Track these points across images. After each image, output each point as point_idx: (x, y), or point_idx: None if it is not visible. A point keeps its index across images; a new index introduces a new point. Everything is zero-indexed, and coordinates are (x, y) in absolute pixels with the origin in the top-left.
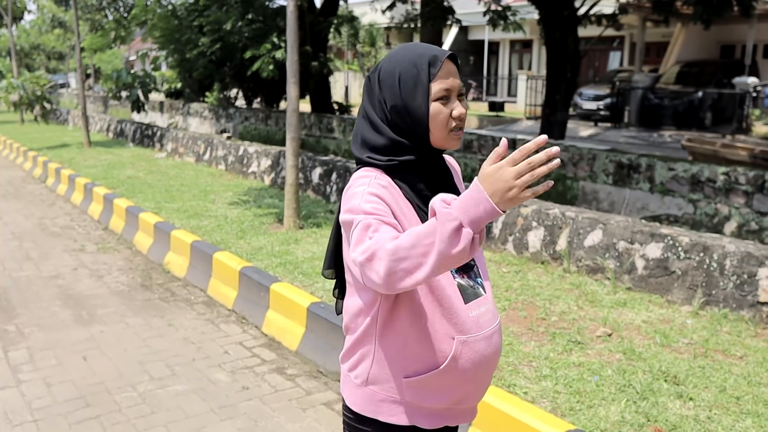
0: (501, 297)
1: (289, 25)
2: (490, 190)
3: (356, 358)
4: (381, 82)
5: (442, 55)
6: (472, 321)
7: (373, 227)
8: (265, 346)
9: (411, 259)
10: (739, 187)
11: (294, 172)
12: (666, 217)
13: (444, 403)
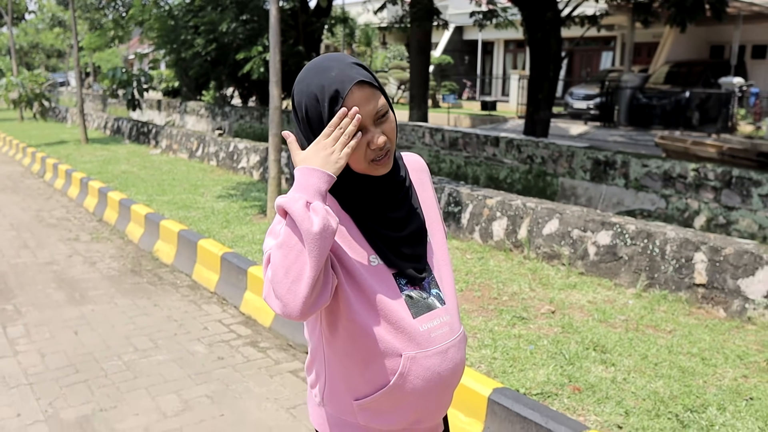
0: (460, 280)
1: (272, 28)
2: (316, 162)
3: (313, 376)
4: (295, 109)
5: (345, 88)
6: (422, 335)
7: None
8: (241, 323)
9: (292, 267)
10: (708, 182)
11: (276, 166)
12: (640, 211)
13: (399, 424)
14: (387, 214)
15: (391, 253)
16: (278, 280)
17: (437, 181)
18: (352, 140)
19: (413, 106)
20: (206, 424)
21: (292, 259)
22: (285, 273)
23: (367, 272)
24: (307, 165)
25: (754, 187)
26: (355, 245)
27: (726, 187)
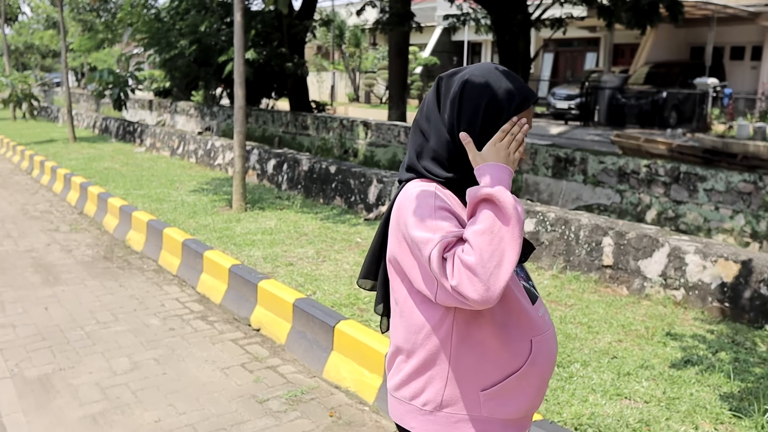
0: None
1: (236, 34)
2: (500, 159)
3: (422, 383)
4: (462, 102)
5: (530, 100)
6: (541, 320)
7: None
8: (196, 301)
9: (495, 252)
10: (659, 178)
11: (241, 161)
12: (597, 206)
13: (521, 411)
14: None
15: None
16: (483, 263)
17: (389, 174)
18: (521, 146)
19: (392, 106)
20: (149, 380)
21: (495, 244)
22: (490, 257)
23: None
24: (492, 162)
25: (700, 182)
26: None
27: (675, 183)
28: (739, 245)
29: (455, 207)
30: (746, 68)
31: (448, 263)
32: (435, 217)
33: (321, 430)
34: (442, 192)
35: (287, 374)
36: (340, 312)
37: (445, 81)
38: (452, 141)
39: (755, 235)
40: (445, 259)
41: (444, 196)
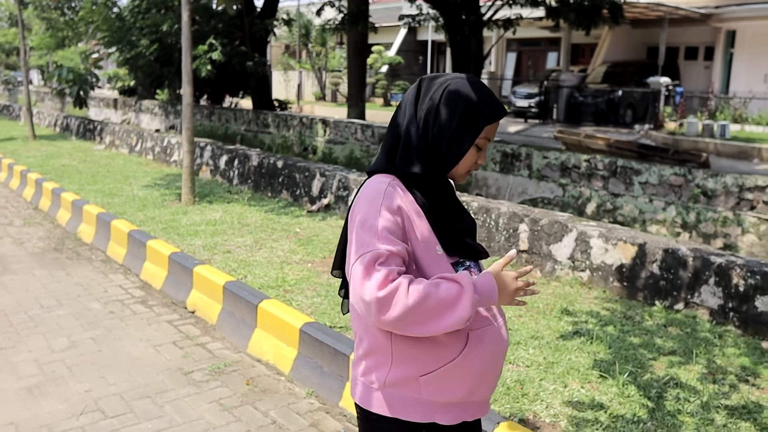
0: (324, 249)
1: (184, 33)
2: (502, 286)
3: (371, 363)
4: (440, 106)
5: (501, 113)
6: (481, 315)
7: (382, 259)
8: (139, 287)
9: (427, 316)
10: (598, 172)
11: (189, 156)
12: (541, 199)
13: (459, 395)
14: (451, 210)
15: (455, 241)
16: (413, 313)
17: (332, 168)
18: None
19: (351, 105)
20: (84, 357)
21: (431, 315)
22: (419, 316)
23: (434, 260)
24: (498, 288)
25: (636, 176)
26: (427, 237)
27: (612, 176)
28: (671, 235)
29: (405, 202)
30: (700, 68)
31: (382, 274)
32: (378, 216)
33: (237, 396)
34: (394, 185)
35: (215, 350)
36: (265, 293)
37: (426, 83)
38: (423, 139)
39: (685, 225)
40: (377, 270)
41: (395, 189)
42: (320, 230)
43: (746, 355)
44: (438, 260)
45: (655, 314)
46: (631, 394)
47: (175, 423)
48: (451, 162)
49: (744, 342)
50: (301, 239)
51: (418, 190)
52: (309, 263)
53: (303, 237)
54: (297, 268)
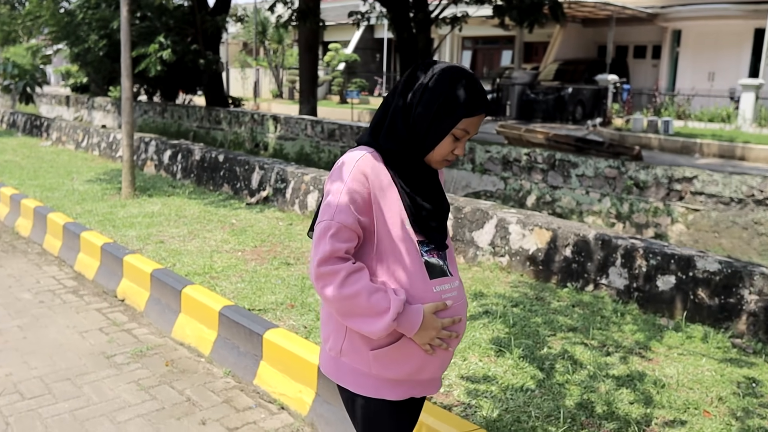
0: (257, 239)
1: (123, 28)
2: (424, 327)
3: (329, 331)
4: (426, 89)
5: (483, 107)
6: (435, 296)
7: (334, 230)
8: (72, 278)
9: (349, 312)
10: (538, 165)
11: (128, 150)
12: (484, 192)
13: (406, 372)
14: (426, 191)
15: (422, 222)
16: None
17: (270, 162)
18: (444, 344)
19: (302, 101)
20: (9, 344)
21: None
22: (339, 302)
23: (398, 235)
24: (421, 324)
25: (573, 169)
26: (395, 212)
27: (551, 169)
28: (606, 225)
29: (377, 176)
30: (648, 66)
31: (327, 249)
32: (344, 190)
33: (156, 377)
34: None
35: (140, 335)
36: (191, 280)
37: (422, 66)
38: (405, 120)
39: (619, 216)
40: (325, 242)
41: (368, 162)
42: (255, 221)
43: (642, 331)
44: (405, 236)
45: (565, 295)
46: (524, 366)
47: (92, 402)
48: (427, 146)
49: (644, 319)
50: (235, 230)
51: (396, 166)
52: (239, 252)
53: (237, 228)
54: (226, 256)
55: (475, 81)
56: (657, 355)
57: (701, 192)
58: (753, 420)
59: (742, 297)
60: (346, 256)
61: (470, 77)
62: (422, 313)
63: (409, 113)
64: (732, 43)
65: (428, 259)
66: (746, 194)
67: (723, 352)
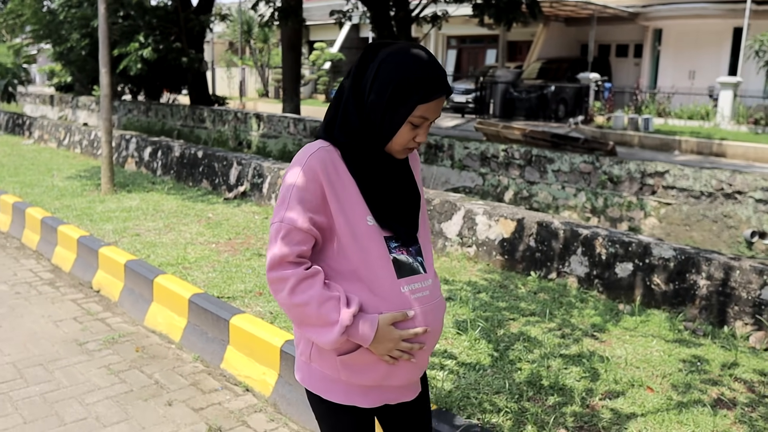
0: (231, 231)
1: (101, 25)
2: (379, 339)
3: (299, 336)
4: (376, 76)
5: (440, 91)
6: (402, 297)
7: (284, 233)
8: (49, 271)
9: (300, 320)
10: (515, 161)
11: (107, 147)
12: (463, 188)
13: (373, 379)
14: (390, 183)
15: (385, 216)
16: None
17: (248, 157)
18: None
19: (285, 99)
20: None
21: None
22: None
23: (362, 231)
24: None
25: (549, 164)
26: (356, 207)
27: (528, 165)
28: (582, 220)
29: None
30: (630, 65)
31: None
32: (294, 188)
33: (126, 362)
34: (323, 153)
35: (113, 324)
36: (164, 270)
37: (372, 51)
38: (359, 109)
39: (594, 210)
40: (276, 245)
41: (321, 157)
42: (232, 215)
43: (600, 315)
44: (369, 232)
45: (529, 283)
46: (481, 347)
47: (62, 385)
48: (384, 136)
49: (603, 304)
50: (211, 223)
51: (353, 159)
52: (213, 244)
53: (213, 221)
54: (200, 248)
55: (429, 62)
56: (611, 337)
57: (673, 186)
58: (693, 394)
59: (695, 282)
60: (298, 260)
61: (423, 58)
62: (376, 325)
63: (362, 102)
64: (712, 41)
65: (397, 256)
66: (716, 188)
67: (675, 334)
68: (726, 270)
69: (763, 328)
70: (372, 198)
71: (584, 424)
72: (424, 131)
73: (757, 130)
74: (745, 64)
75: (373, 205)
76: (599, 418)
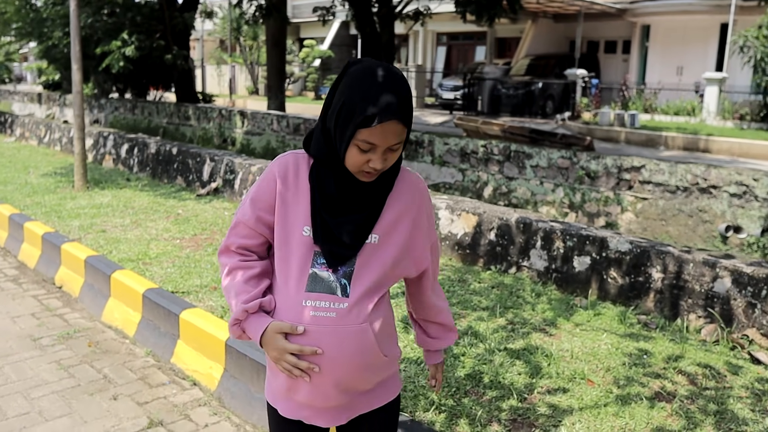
0: (198, 227)
1: (72, 20)
2: (265, 343)
3: None
4: (335, 92)
5: (385, 116)
6: (299, 310)
7: (233, 224)
8: (14, 267)
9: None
10: (494, 157)
11: (80, 143)
12: (443, 184)
13: (278, 387)
14: (340, 202)
15: (322, 231)
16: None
17: (221, 153)
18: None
19: (270, 96)
20: None
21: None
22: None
23: (295, 240)
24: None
25: (527, 160)
26: (300, 218)
27: (507, 160)
28: (560, 215)
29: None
30: (618, 61)
31: (225, 242)
32: (259, 180)
33: (78, 357)
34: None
35: (70, 320)
36: (124, 265)
37: (346, 66)
38: (323, 124)
39: (572, 206)
40: (228, 235)
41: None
42: (201, 211)
43: (554, 309)
44: (301, 242)
45: (487, 277)
46: None
47: (10, 380)
48: (341, 155)
49: (559, 299)
50: (179, 219)
51: (318, 171)
52: (178, 240)
53: (182, 217)
54: (163, 244)
55: (381, 85)
56: (561, 331)
57: (649, 181)
58: (633, 387)
59: (650, 276)
60: (239, 251)
61: (377, 81)
62: (263, 329)
63: (325, 119)
64: (699, 37)
65: (317, 271)
66: (691, 182)
67: (626, 328)
68: (680, 263)
69: (714, 320)
70: (315, 211)
71: (518, 417)
72: (378, 157)
73: (742, 126)
74: (731, 60)
75: (314, 218)
76: (535, 411)
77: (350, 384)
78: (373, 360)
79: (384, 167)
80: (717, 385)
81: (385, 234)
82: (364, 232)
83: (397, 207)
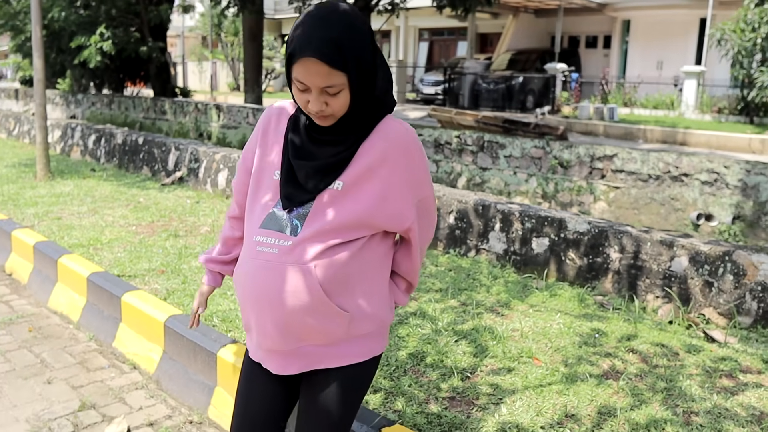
0: (156, 214)
1: (33, 6)
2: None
3: None
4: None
5: (302, 53)
6: (250, 245)
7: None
8: None
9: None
10: (468, 147)
11: (42, 132)
12: None
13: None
14: (304, 147)
15: (285, 174)
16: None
17: (186, 142)
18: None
19: (247, 90)
20: None
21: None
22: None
23: (266, 182)
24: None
25: (501, 150)
26: (274, 159)
27: (480, 151)
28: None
29: (277, 120)
30: (599, 56)
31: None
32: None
33: (18, 342)
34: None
35: (16, 306)
36: (74, 251)
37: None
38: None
39: (545, 196)
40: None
41: (276, 114)
42: (163, 200)
43: (509, 291)
44: (271, 185)
45: (445, 261)
46: None
47: None
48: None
49: (516, 281)
50: (139, 207)
51: (296, 119)
52: (133, 226)
53: (142, 205)
54: (117, 230)
55: (311, 23)
56: (514, 312)
57: (621, 170)
58: (582, 366)
59: (608, 256)
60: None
61: (308, 18)
62: (203, 284)
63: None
64: (679, 32)
65: (276, 211)
66: (663, 171)
67: (582, 309)
68: (637, 243)
69: (672, 300)
70: (285, 155)
71: (457, 396)
72: (314, 99)
73: (720, 119)
74: (709, 54)
75: (283, 162)
76: (475, 390)
77: (289, 327)
78: (317, 305)
79: (324, 111)
80: (668, 364)
81: (352, 183)
82: (323, 177)
83: (369, 156)
